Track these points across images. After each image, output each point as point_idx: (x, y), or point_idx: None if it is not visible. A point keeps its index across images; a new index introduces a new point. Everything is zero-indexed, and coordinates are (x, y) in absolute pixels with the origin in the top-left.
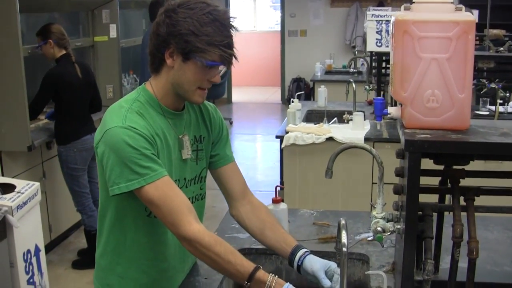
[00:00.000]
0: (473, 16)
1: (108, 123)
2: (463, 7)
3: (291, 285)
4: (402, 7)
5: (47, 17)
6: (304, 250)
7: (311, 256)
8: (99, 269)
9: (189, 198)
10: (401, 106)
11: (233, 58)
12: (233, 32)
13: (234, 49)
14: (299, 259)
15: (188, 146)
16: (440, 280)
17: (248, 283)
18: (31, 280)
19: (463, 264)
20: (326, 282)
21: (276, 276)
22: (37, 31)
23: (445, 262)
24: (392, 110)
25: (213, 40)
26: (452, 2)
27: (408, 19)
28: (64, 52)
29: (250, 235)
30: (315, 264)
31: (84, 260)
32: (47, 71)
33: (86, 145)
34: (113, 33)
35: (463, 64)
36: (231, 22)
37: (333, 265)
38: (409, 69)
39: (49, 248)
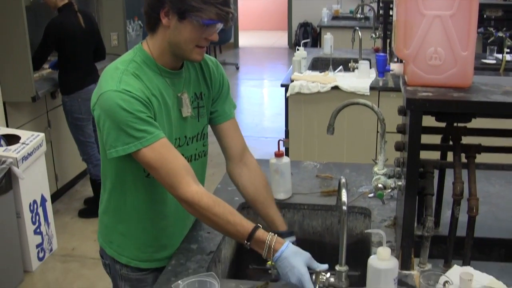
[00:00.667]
0: None
1: (103, 86)
2: None
3: (290, 243)
4: None
5: None
6: (287, 243)
7: (291, 249)
8: (102, 225)
9: (192, 155)
10: (404, 63)
11: (231, 15)
12: None
13: (231, 6)
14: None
15: (187, 104)
16: (441, 235)
17: (248, 243)
18: (38, 230)
19: (463, 218)
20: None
21: (276, 235)
22: None
23: (446, 217)
24: (394, 67)
25: None
26: None
27: None
28: (66, 1)
29: None
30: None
31: (91, 209)
32: (49, 20)
33: (91, 95)
34: None
35: (467, 21)
36: None
37: (315, 264)
38: (412, 26)
39: (55, 197)
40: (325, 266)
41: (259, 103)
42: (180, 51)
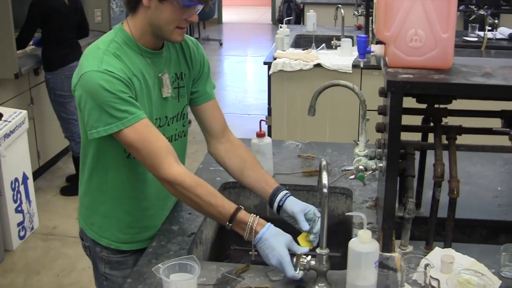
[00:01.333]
0: None
1: (85, 66)
2: None
3: (272, 225)
4: None
5: None
6: (285, 192)
7: (292, 198)
8: (83, 207)
9: (172, 136)
10: (385, 44)
11: None
12: None
13: None
14: (280, 200)
15: (168, 84)
16: (422, 217)
17: (230, 224)
18: (19, 209)
19: (445, 199)
20: (304, 225)
21: (257, 216)
22: None
23: (427, 198)
24: (375, 49)
25: None
26: None
27: None
28: None
29: None
30: (296, 207)
31: (73, 186)
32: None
33: (74, 72)
34: None
35: (447, 3)
36: None
37: (312, 208)
38: (393, 8)
39: (37, 174)
40: (306, 249)
41: (242, 80)
42: (161, 32)
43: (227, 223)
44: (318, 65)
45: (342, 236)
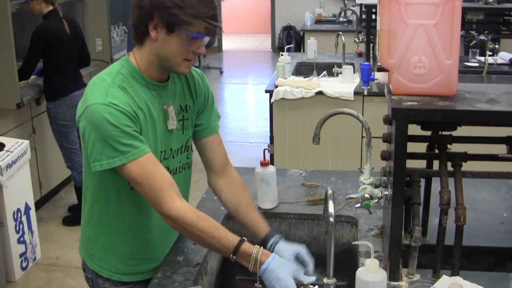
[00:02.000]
0: None
1: (90, 98)
2: None
3: (276, 255)
4: None
5: None
6: (275, 237)
7: (281, 244)
8: (84, 238)
9: (176, 168)
10: (388, 72)
11: (218, 29)
12: (217, 2)
13: (218, 20)
14: (270, 246)
15: (173, 116)
16: (428, 244)
17: (234, 256)
18: (22, 239)
19: (451, 225)
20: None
21: (262, 247)
22: None
23: (432, 225)
24: (379, 76)
25: (198, 12)
26: None
27: None
28: (51, 7)
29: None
30: (285, 253)
31: (75, 216)
32: (34, 28)
33: (75, 101)
34: None
35: (450, 30)
36: None
37: (302, 250)
38: (396, 35)
39: (39, 204)
40: (313, 278)
41: (243, 108)
42: (168, 64)
43: (231, 255)
44: (319, 93)
45: (348, 265)
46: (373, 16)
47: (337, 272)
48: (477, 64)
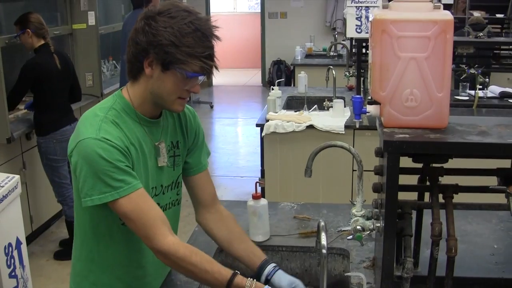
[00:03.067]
0: (451, 15)
1: (82, 133)
2: (441, 5)
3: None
4: (380, 5)
5: (24, 5)
6: (273, 265)
7: (280, 272)
8: (74, 272)
9: (166, 204)
10: (380, 105)
11: (214, 69)
12: (214, 42)
13: (215, 60)
14: (269, 274)
15: (164, 153)
16: (420, 276)
17: None
18: (13, 274)
19: (442, 257)
20: None
21: (255, 280)
22: (15, 20)
23: (424, 256)
24: (371, 109)
25: (194, 51)
26: (430, 1)
27: (387, 18)
28: (42, 41)
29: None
30: (283, 281)
31: (66, 251)
32: (25, 61)
33: (66, 136)
34: (91, 20)
35: (442, 63)
36: (212, 32)
37: (299, 284)
38: (388, 68)
39: (30, 239)
40: None
41: (233, 142)
42: (162, 101)
43: None
44: (310, 126)
45: None
46: (364, 50)
47: None
48: (467, 98)
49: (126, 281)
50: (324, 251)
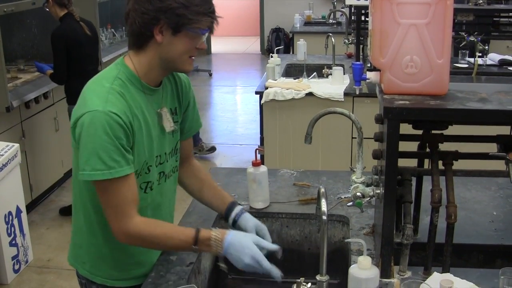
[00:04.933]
0: None
1: (89, 103)
2: None
3: (234, 230)
4: None
5: None
6: (240, 207)
7: (246, 214)
8: (74, 245)
9: (169, 172)
10: (380, 71)
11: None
12: None
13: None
14: (236, 215)
15: (169, 118)
16: (419, 242)
17: (196, 246)
18: (13, 242)
19: (442, 224)
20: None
21: (217, 228)
22: None
23: (423, 224)
24: (371, 75)
25: (202, 9)
26: None
27: None
28: (66, 11)
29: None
30: (248, 223)
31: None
32: (53, 31)
33: None
34: None
35: (442, 29)
36: None
37: (264, 229)
38: (388, 34)
39: (30, 207)
40: (276, 246)
41: (232, 110)
42: (174, 64)
43: (193, 246)
44: (310, 94)
45: (339, 264)
46: (363, 18)
47: (328, 270)
48: (466, 65)
49: (126, 250)
50: (324, 217)
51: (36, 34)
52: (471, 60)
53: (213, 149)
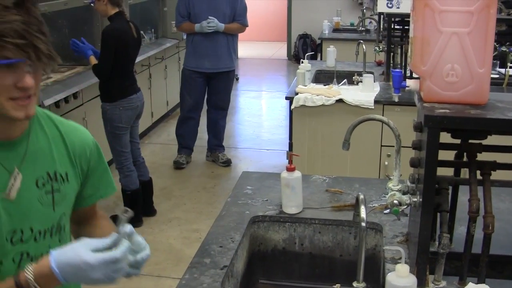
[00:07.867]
0: None
1: None
2: None
3: (53, 252)
4: None
5: None
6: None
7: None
8: None
9: (41, 255)
10: (420, 79)
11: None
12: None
13: (39, 36)
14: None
15: (15, 186)
16: (454, 252)
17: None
18: None
19: (477, 234)
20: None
21: (32, 264)
22: None
23: (458, 233)
24: (410, 83)
25: None
26: None
27: None
28: (117, 9)
29: (262, 203)
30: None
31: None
32: (104, 29)
33: (132, 104)
34: None
35: (484, 38)
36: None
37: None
38: (429, 42)
39: None
40: (128, 227)
41: (258, 115)
42: None
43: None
44: (340, 101)
45: (371, 271)
46: (393, 26)
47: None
48: (497, 76)
49: None
50: (363, 224)
51: (67, 35)
52: (502, 70)
53: (228, 162)
